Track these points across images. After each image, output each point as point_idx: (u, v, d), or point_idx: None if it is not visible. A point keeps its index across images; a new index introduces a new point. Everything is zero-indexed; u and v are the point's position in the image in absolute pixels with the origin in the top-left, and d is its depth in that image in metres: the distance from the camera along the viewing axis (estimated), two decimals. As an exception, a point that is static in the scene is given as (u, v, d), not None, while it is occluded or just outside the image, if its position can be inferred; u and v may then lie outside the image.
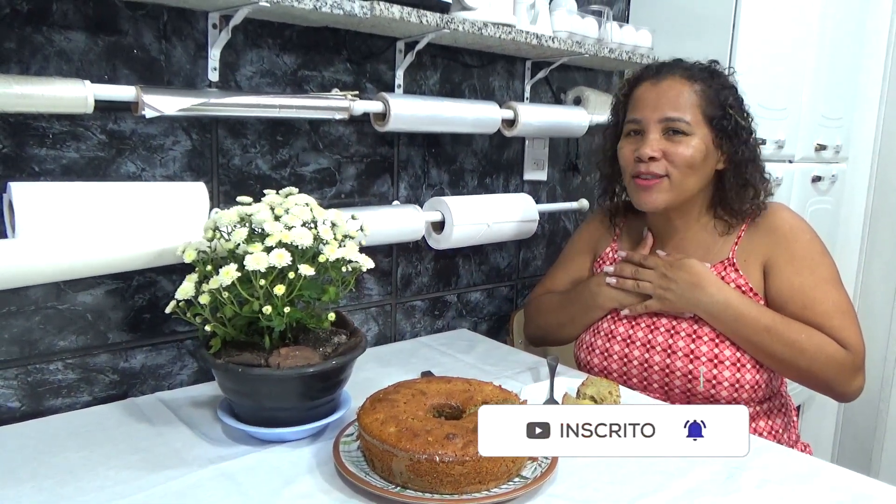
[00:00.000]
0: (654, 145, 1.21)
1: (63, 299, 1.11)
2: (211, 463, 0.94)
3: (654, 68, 1.28)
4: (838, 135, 2.17)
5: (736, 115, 1.23)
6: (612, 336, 1.32)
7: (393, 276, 1.56)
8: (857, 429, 2.43)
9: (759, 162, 1.27)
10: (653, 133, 1.22)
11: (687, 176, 1.22)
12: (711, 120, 1.22)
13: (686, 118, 1.21)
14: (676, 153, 1.21)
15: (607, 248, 1.42)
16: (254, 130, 1.28)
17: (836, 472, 0.98)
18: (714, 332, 1.22)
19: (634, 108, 1.27)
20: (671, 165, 1.21)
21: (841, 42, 2.08)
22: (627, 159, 1.27)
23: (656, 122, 1.22)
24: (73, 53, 1.07)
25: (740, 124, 1.23)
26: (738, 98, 1.26)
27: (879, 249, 2.34)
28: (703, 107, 1.22)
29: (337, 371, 1.00)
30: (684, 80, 1.23)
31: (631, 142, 1.26)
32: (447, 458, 0.83)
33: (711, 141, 1.22)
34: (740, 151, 1.23)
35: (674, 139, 1.21)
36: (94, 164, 1.11)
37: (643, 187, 1.24)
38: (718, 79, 1.25)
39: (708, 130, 1.22)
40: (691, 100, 1.22)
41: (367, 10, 1.19)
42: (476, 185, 1.67)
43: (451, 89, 1.57)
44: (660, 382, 1.26)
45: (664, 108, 1.22)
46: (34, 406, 1.10)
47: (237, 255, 0.95)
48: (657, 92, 1.24)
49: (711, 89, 1.23)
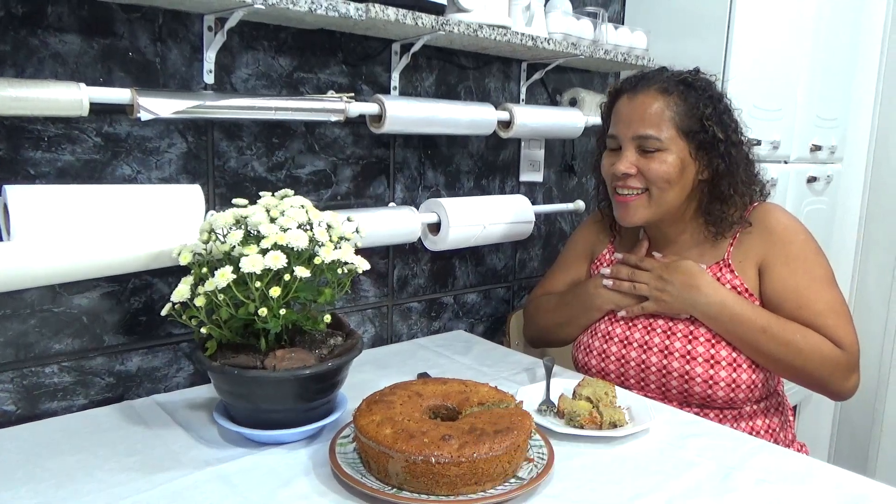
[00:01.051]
0: (627, 162, 1.23)
1: (58, 302, 1.11)
2: (207, 465, 0.94)
3: (633, 81, 1.27)
4: (833, 135, 2.18)
5: (714, 126, 1.21)
6: (609, 337, 1.32)
7: (389, 278, 1.56)
8: (853, 428, 2.43)
9: (743, 171, 1.25)
10: (627, 150, 1.23)
11: (665, 190, 1.23)
12: (688, 133, 1.21)
13: (658, 135, 1.20)
14: (650, 169, 1.21)
15: (604, 249, 1.43)
16: (249, 133, 1.28)
17: (831, 472, 0.99)
18: (710, 332, 1.23)
19: (613, 122, 1.28)
20: (648, 181, 1.22)
21: (835, 43, 2.09)
22: (607, 174, 1.29)
23: (630, 139, 1.23)
24: (69, 56, 1.07)
25: (718, 137, 1.21)
26: (718, 108, 1.23)
27: (874, 249, 2.34)
28: (678, 121, 1.21)
29: (333, 373, 1.00)
30: (658, 94, 1.22)
31: (609, 156, 1.28)
32: (443, 460, 0.83)
33: (689, 154, 1.22)
34: (716, 164, 1.23)
35: (648, 155, 1.22)
36: (90, 167, 1.11)
37: (622, 203, 1.26)
38: (696, 91, 1.23)
39: (685, 143, 1.22)
40: (665, 115, 1.21)
41: (363, 12, 1.19)
42: (472, 186, 1.67)
43: (447, 91, 1.57)
44: (657, 383, 1.26)
45: (637, 124, 1.22)
46: (30, 409, 1.10)
47: (233, 258, 0.95)
48: (631, 107, 1.24)
49: (687, 103, 1.22)
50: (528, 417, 0.94)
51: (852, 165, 2.34)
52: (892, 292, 2.29)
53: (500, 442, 0.86)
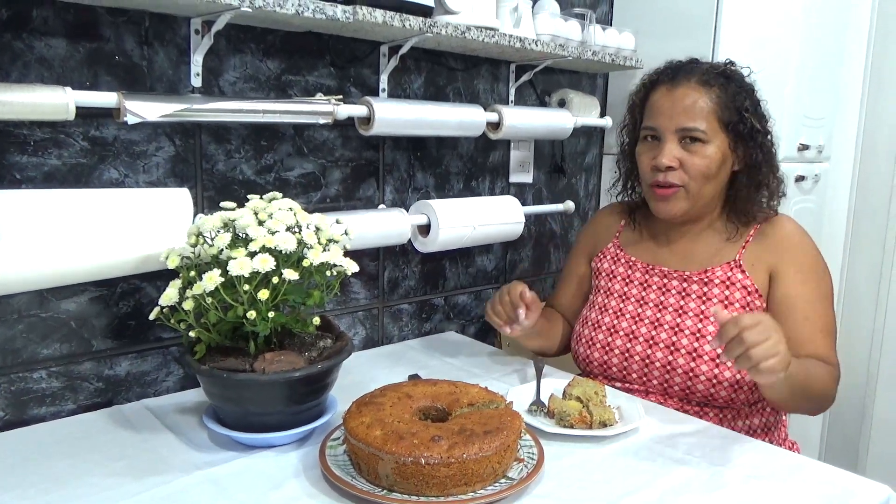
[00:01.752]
0: (670, 154, 1.22)
1: (46, 307, 1.11)
2: (197, 469, 0.93)
3: (671, 72, 1.27)
4: (821, 134, 2.19)
5: (752, 118, 1.23)
6: (614, 331, 1.32)
7: (380, 280, 1.56)
8: (843, 426, 2.44)
9: (773, 163, 1.28)
10: (669, 142, 1.23)
11: (703, 185, 1.23)
12: (728, 125, 1.22)
13: (702, 127, 1.21)
14: (693, 164, 1.22)
15: (609, 244, 1.43)
16: (238, 136, 1.28)
17: (820, 469, 0.99)
18: (717, 330, 1.22)
19: (650, 114, 1.27)
20: (687, 175, 1.23)
21: (822, 42, 2.10)
22: (645, 167, 1.27)
23: (673, 132, 1.23)
24: (54, 60, 1.06)
25: (755, 127, 1.23)
26: (754, 100, 1.26)
27: (863, 248, 2.36)
28: (719, 113, 1.22)
29: (322, 375, 1.00)
30: (700, 87, 1.23)
31: (648, 148, 1.27)
32: (433, 461, 0.83)
33: (728, 146, 1.23)
34: (755, 154, 1.24)
35: (690, 148, 1.22)
36: (77, 171, 1.10)
37: (661, 196, 1.26)
38: (734, 83, 1.25)
39: (724, 136, 1.23)
40: (707, 107, 1.22)
41: (350, 15, 1.19)
42: (462, 188, 1.68)
43: (436, 93, 1.58)
44: (660, 380, 1.26)
45: (680, 117, 1.22)
46: (18, 415, 1.10)
47: (221, 261, 0.95)
48: (672, 100, 1.23)
49: (727, 94, 1.23)
50: (518, 418, 0.94)
51: (840, 164, 2.35)
52: (881, 290, 2.30)
53: (489, 442, 0.86)
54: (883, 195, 2.31)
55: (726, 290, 1.25)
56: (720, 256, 1.29)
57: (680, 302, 1.28)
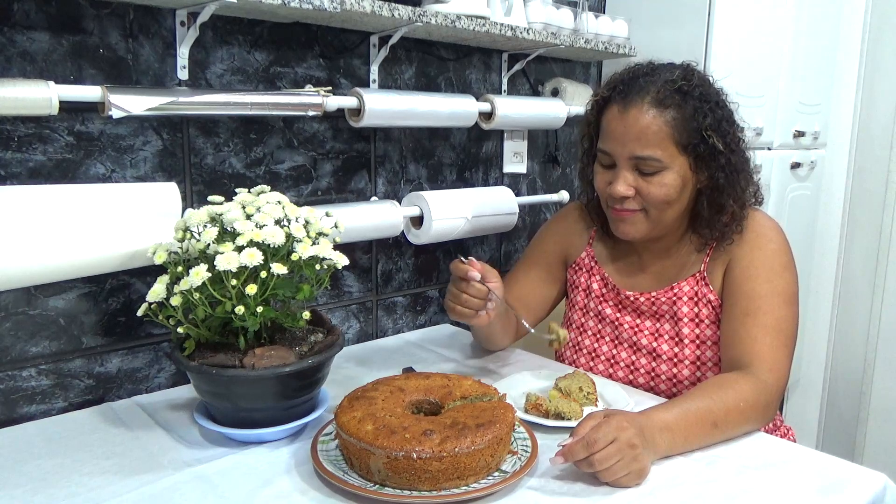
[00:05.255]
0: (625, 184, 1.14)
1: (34, 304, 1.09)
2: (187, 466, 0.93)
3: (623, 90, 1.15)
4: (816, 121, 2.18)
5: (713, 136, 1.13)
6: (595, 356, 1.31)
7: (373, 273, 1.55)
8: (840, 413, 2.45)
9: (742, 178, 1.18)
10: (624, 169, 1.14)
11: (663, 210, 1.16)
12: (686, 147, 1.13)
13: (657, 155, 1.11)
14: (650, 192, 1.13)
15: (582, 252, 1.36)
16: (226, 129, 1.26)
17: (814, 457, 0.99)
18: (694, 334, 1.21)
19: (604, 137, 1.18)
20: (647, 202, 1.15)
21: (817, 28, 2.09)
22: (601, 191, 1.21)
23: (626, 159, 1.14)
24: (37, 54, 1.04)
25: (718, 148, 1.13)
26: (717, 115, 1.14)
27: (859, 234, 2.35)
28: (676, 136, 1.12)
29: (313, 370, 0.99)
30: (653, 108, 1.11)
31: (604, 173, 1.19)
32: (424, 455, 0.82)
33: (689, 167, 1.14)
34: (717, 176, 1.15)
35: (646, 178, 1.13)
36: (62, 167, 1.09)
37: (620, 218, 1.19)
38: (693, 99, 1.13)
39: (684, 158, 1.14)
40: (662, 131, 1.11)
41: (338, 5, 1.18)
42: (455, 178, 1.66)
43: (428, 83, 1.56)
44: (645, 386, 1.25)
45: (633, 144, 1.12)
46: (7, 414, 1.09)
47: (208, 256, 0.94)
48: (625, 125, 1.13)
49: (684, 114, 1.12)
50: (511, 410, 0.94)
51: (836, 151, 2.35)
52: (877, 276, 2.30)
53: (481, 436, 0.85)
54: (879, 181, 2.30)
55: (694, 306, 1.22)
56: (688, 269, 1.24)
57: (656, 325, 1.25)
